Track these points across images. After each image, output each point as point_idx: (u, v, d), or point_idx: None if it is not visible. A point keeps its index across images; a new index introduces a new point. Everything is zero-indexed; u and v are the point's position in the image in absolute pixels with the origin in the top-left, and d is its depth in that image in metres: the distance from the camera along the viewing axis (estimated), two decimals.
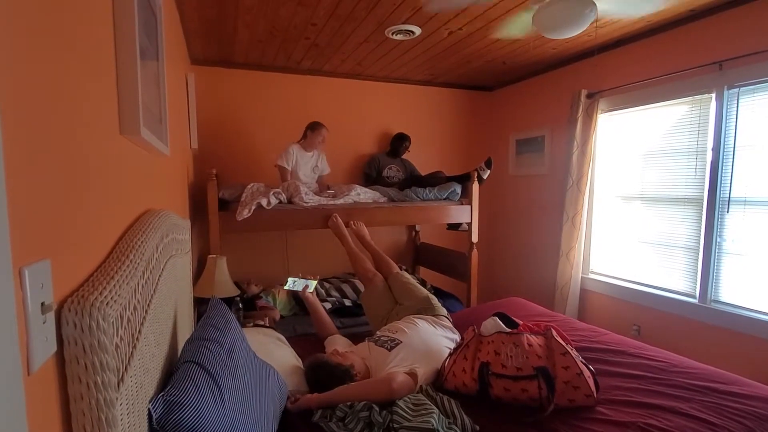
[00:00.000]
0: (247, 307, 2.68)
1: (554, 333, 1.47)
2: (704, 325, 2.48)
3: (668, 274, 2.73)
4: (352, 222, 2.72)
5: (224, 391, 0.92)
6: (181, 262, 1.44)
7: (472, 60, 3.33)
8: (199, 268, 2.56)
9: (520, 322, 1.69)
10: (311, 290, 1.94)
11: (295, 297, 2.97)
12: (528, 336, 1.43)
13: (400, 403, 1.21)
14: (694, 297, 2.55)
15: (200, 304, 2.47)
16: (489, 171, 3.17)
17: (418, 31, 2.65)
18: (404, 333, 1.70)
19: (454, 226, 3.49)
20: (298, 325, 2.70)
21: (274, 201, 2.55)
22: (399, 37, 2.72)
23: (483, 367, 1.42)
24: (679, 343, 2.62)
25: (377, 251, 2.57)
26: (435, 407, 1.20)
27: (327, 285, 3.18)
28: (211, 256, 2.12)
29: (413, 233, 4.07)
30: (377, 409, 1.19)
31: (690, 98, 2.56)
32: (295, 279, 1.95)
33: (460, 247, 3.62)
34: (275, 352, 1.55)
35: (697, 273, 2.52)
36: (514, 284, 4.13)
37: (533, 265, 3.87)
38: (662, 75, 2.66)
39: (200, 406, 0.82)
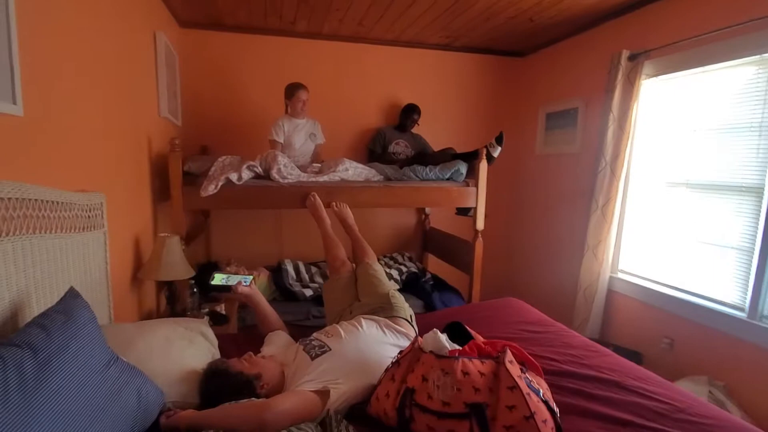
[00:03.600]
0: (222, 290, 2.51)
1: (508, 358, 1.12)
2: (752, 345, 1.96)
3: (713, 280, 2.20)
4: (334, 203, 2.44)
5: None
6: (71, 242, 1.26)
7: (491, 16, 2.85)
8: (187, 251, 2.38)
9: (480, 339, 1.34)
10: (246, 284, 1.69)
11: (276, 282, 2.78)
12: (465, 361, 1.09)
13: None
14: (743, 310, 2.03)
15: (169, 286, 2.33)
16: (500, 148, 2.73)
17: None
18: (338, 339, 1.42)
19: (464, 211, 3.09)
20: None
21: (246, 175, 2.33)
22: None
23: (406, 395, 1.11)
24: (719, 365, 2.11)
25: (358, 237, 2.28)
26: None
27: (314, 269, 2.96)
28: (160, 234, 1.95)
29: (423, 216, 3.72)
30: None
31: (758, 57, 1.97)
32: (227, 275, 1.70)
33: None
34: (181, 352, 1.33)
35: (749, 281, 1.99)
36: (534, 281, 3.68)
37: (555, 259, 3.39)
38: (724, 27, 2.07)
39: None
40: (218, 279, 1.66)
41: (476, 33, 3.20)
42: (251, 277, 1.71)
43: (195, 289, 2.08)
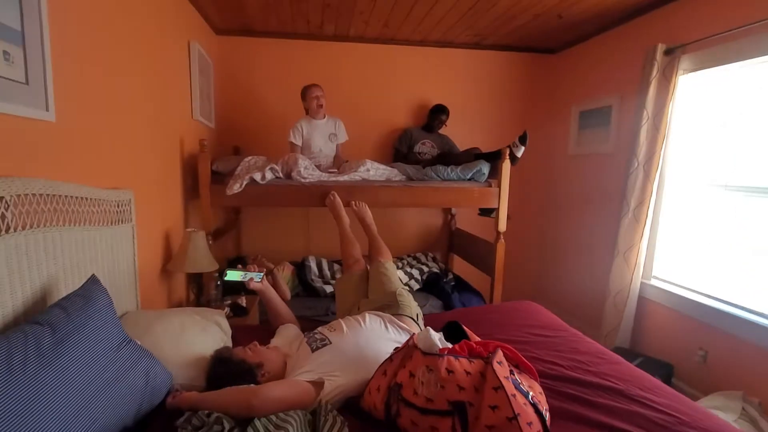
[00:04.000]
0: (234, 285, 2.63)
1: (497, 359, 1.11)
2: None
3: (755, 291, 2.04)
4: (353, 202, 2.49)
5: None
6: (100, 234, 1.39)
7: (516, 14, 2.80)
8: (216, 245, 2.51)
9: (475, 339, 1.34)
10: (258, 280, 1.75)
11: (299, 277, 2.88)
12: (451, 359, 1.10)
13: (259, 422, 1.00)
14: None
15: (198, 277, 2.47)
16: (524, 148, 2.68)
17: None
18: (340, 333, 1.47)
19: (487, 212, 3.05)
20: (294, 306, 2.56)
21: (269, 176, 2.44)
22: None
23: (393, 390, 1.14)
24: (755, 380, 1.96)
25: (375, 236, 2.32)
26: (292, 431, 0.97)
27: (336, 266, 3.03)
28: (187, 230, 2.09)
29: (449, 217, 3.70)
30: (228, 426, 1.00)
31: None
32: (241, 272, 1.73)
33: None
34: (193, 338, 1.43)
35: None
36: (563, 285, 3.56)
37: (585, 263, 3.27)
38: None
39: None
40: (231, 275, 1.73)
41: (503, 31, 3.15)
42: (262, 273, 1.79)
43: (219, 282, 2.20)
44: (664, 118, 2.48)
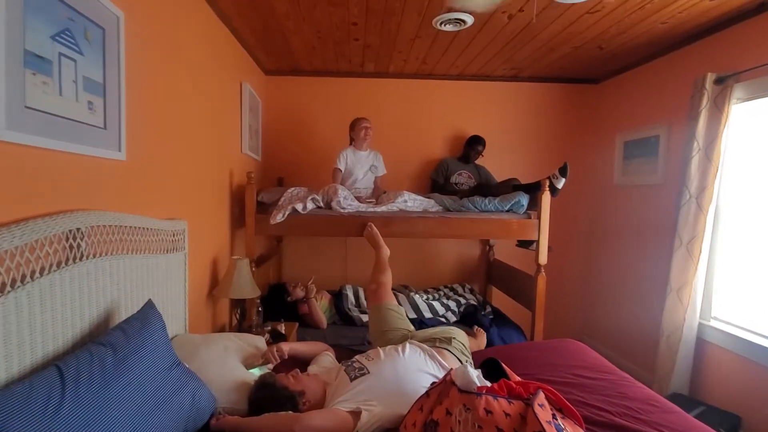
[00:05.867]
0: (290, 310, 2.71)
1: (538, 401, 1.08)
2: None
3: None
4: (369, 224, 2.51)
5: (69, 399, 0.88)
6: (157, 262, 1.50)
7: (555, 47, 2.82)
8: (259, 271, 2.62)
9: (515, 378, 1.31)
10: (272, 365, 1.62)
11: (337, 306, 2.91)
12: (490, 399, 1.07)
13: None
14: None
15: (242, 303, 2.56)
16: (564, 180, 2.63)
17: (469, 19, 2.34)
18: (378, 362, 1.47)
19: (526, 244, 2.99)
20: (330, 335, 2.63)
21: (310, 206, 2.53)
22: (449, 27, 2.45)
23: (429, 427, 1.12)
24: None
25: (382, 263, 2.33)
26: None
27: None
28: (233, 257, 2.20)
29: (487, 248, 3.64)
30: None
31: None
32: (261, 367, 1.59)
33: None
34: (236, 363, 1.48)
35: None
36: (612, 322, 3.37)
37: (636, 300, 3.09)
38: None
39: (12, 410, 0.79)
40: (256, 370, 1.57)
41: (542, 63, 3.16)
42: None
43: (260, 308, 2.28)
44: (717, 149, 2.37)
